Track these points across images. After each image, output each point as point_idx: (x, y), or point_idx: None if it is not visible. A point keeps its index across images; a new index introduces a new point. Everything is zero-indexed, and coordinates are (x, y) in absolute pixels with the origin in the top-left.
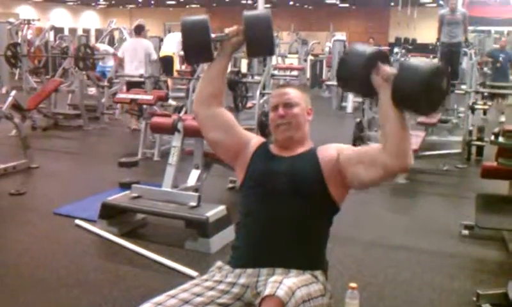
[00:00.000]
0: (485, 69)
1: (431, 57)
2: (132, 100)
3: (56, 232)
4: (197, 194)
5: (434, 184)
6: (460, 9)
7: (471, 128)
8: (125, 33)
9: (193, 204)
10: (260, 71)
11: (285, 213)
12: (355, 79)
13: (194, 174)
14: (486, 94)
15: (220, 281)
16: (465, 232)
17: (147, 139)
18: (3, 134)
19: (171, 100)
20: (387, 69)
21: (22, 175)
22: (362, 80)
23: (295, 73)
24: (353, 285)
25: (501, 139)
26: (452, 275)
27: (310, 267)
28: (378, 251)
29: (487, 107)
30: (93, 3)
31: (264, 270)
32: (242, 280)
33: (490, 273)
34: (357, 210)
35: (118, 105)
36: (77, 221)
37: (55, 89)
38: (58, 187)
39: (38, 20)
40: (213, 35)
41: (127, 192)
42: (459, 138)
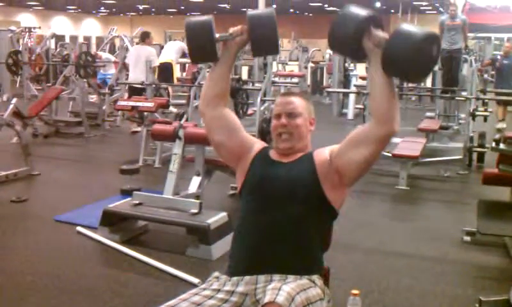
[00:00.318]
0: (485, 76)
1: None
2: (133, 107)
3: (57, 239)
4: (198, 201)
5: (435, 190)
6: (460, 15)
7: (472, 134)
8: (126, 41)
9: (194, 211)
10: (261, 78)
11: (282, 219)
12: (346, 42)
13: (195, 181)
14: (486, 101)
15: (218, 290)
16: (467, 238)
17: (148, 146)
18: (4, 141)
19: (171, 107)
20: (379, 33)
21: (24, 182)
22: (354, 43)
23: (295, 80)
24: (355, 292)
25: (502, 146)
26: (454, 282)
27: (307, 272)
28: (380, 258)
29: (488, 114)
30: (94, 11)
31: (262, 277)
32: (240, 288)
33: (492, 279)
34: (358, 217)
35: (119, 112)
36: (79, 228)
37: (56, 96)
38: (59, 194)
39: (39, 28)
40: (217, 35)
41: (128, 199)
42: (460, 144)
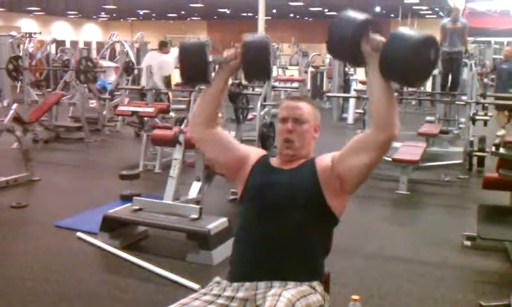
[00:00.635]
0: (485, 80)
1: None
2: (134, 113)
3: (58, 245)
4: (198, 206)
5: (435, 195)
6: (461, 19)
7: (472, 138)
8: (126, 46)
9: (195, 216)
10: (261, 83)
11: (283, 225)
12: (344, 46)
13: (195, 186)
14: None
15: (219, 295)
16: (467, 243)
17: (148, 152)
18: (5, 147)
19: (172, 112)
20: (377, 37)
21: (24, 188)
22: (352, 47)
23: (296, 84)
24: (355, 297)
25: (502, 150)
26: (454, 286)
27: (308, 278)
28: (380, 263)
29: (488, 118)
30: (94, 16)
31: (262, 283)
32: (240, 294)
33: (493, 284)
34: (359, 222)
35: (119, 117)
36: (79, 234)
37: (56, 102)
38: (59, 200)
39: (40, 33)
40: (211, 57)
41: (128, 204)
42: (460, 149)
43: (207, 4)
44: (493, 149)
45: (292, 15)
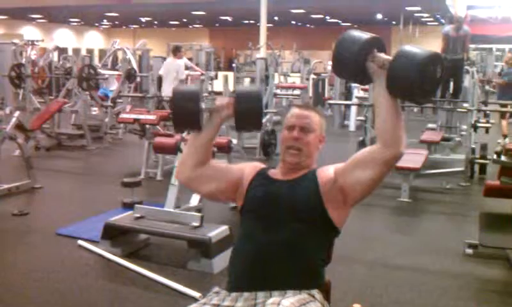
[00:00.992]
0: (487, 87)
1: None
2: (136, 120)
3: (59, 253)
4: (200, 214)
5: (437, 202)
6: (464, 27)
7: (474, 146)
8: (129, 53)
9: (196, 224)
10: (263, 90)
11: (283, 237)
12: (350, 65)
13: (196, 194)
14: (488, 112)
15: (218, 305)
16: (469, 251)
17: (150, 159)
18: (7, 154)
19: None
20: (382, 56)
21: (25, 195)
22: (357, 66)
23: (297, 91)
24: (357, 306)
25: (503, 158)
26: (456, 295)
27: (307, 287)
28: (381, 271)
29: (489, 125)
30: (97, 23)
31: (261, 293)
32: (239, 304)
33: (495, 292)
34: (360, 229)
35: (121, 124)
36: (80, 242)
37: (58, 109)
38: (61, 208)
39: (42, 41)
40: (203, 105)
41: (130, 212)
42: (461, 156)
43: (209, 12)
44: (495, 156)
45: (294, 22)
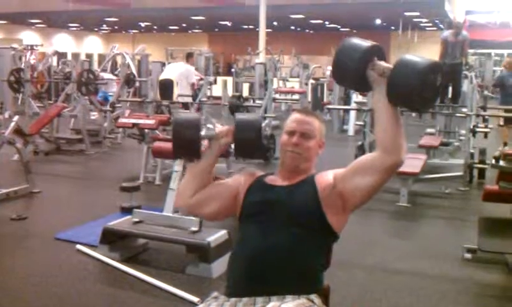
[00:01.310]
0: (486, 92)
1: None
2: (134, 125)
3: (57, 257)
4: (198, 219)
5: (436, 207)
6: (462, 33)
7: (472, 150)
8: (128, 58)
9: (194, 229)
10: (262, 95)
11: (282, 242)
12: (350, 73)
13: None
14: (486, 117)
15: None
16: (468, 256)
17: (149, 164)
18: (5, 159)
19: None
20: (383, 64)
21: (24, 200)
22: (357, 74)
23: (296, 96)
24: None
25: (502, 163)
26: (455, 299)
27: (306, 291)
28: (380, 276)
29: (488, 130)
30: (96, 28)
31: (260, 298)
32: None
33: (493, 297)
34: (359, 234)
35: (120, 129)
36: (78, 246)
37: (58, 114)
38: (60, 212)
39: (41, 46)
40: (203, 133)
41: (129, 217)
42: (460, 161)
43: (208, 17)
44: (493, 161)
45: (293, 28)
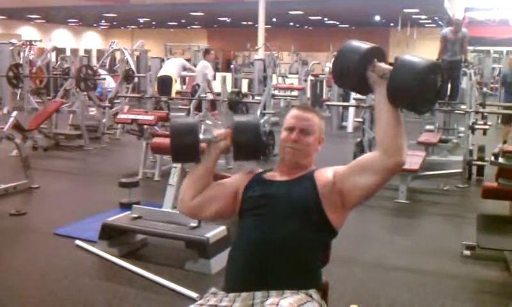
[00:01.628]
0: (484, 89)
1: None
2: (133, 120)
3: (56, 253)
4: None
5: (434, 204)
6: (462, 30)
7: (471, 147)
8: (127, 54)
9: (193, 224)
10: (261, 91)
11: (281, 236)
12: (350, 76)
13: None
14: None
15: (215, 306)
16: (467, 252)
17: (148, 159)
18: (4, 154)
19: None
20: (383, 65)
21: (23, 195)
22: (357, 76)
23: (295, 93)
24: (354, 306)
25: (501, 160)
26: (454, 296)
27: (305, 287)
28: (379, 272)
29: (487, 127)
30: (95, 24)
31: (259, 293)
32: (237, 304)
33: (492, 294)
34: (358, 231)
35: (119, 125)
36: (77, 242)
37: (56, 109)
38: (59, 208)
39: (40, 41)
40: (201, 136)
41: (128, 212)
42: (459, 158)
43: (207, 13)
44: (492, 158)
45: (292, 24)
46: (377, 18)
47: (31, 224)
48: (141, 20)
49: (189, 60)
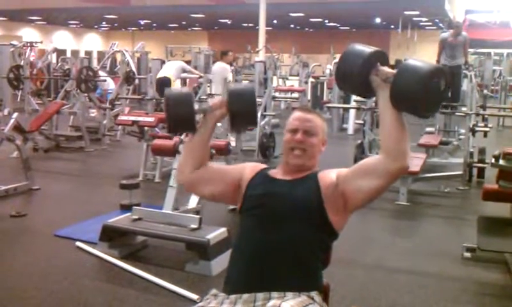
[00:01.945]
0: (485, 91)
1: None
2: (134, 122)
3: (57, 254)
4: (198, 216)
5: (435, 206)
6: (462, 33)
7: (472, 150)
8: (127, 56)
9: (194, 226)
10: (261, 93)
11: (283, 236)
12: (353, 79)
13: (195, 196)
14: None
15: None
16: (467, 255)
17: (148, 161)
18: (4, 156)
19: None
20: (386, 69)
21: (23, 197)
22: (360, 80)
23: (296, 95)
24: None
25: (501, 162)
26: (455, 298)
27: (306, 289)
28: (380, 274)
29: (488, 129)
30: (96, 26)
31: (260, 294)
32: (238, 306)
33: (493, 296)
34: (359, 233)
35: (120, 126)
36: (78, 243)
37: (57, 111)
38: (59, 209)
39: (41, 43)
40: (196, 106)
41: (128, 214)
42: (460, 160)
43: (208, 15)
44: (493, 160)
45: (293, 26)
46: (377, 20)
47: (32, 226)
48: (142, 22)
49: (189, 62)
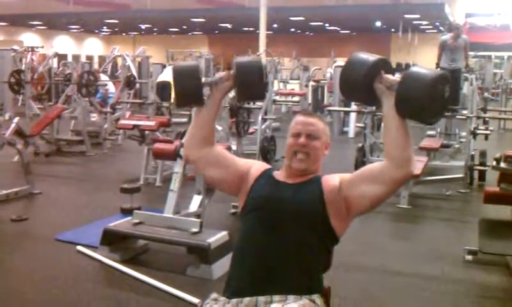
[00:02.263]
0: (486, 94)
1: None
2: (135, 126)
3: (58, 258)
4: (199, 220)
5: (436, 209)
6: (462, 36)
7: (473, 152)
8: (128, 60)
9: (195, 230)
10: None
11: (284, 239)
12: (357, 87)
13: (196, 200)
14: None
15: None
16: (469, 257)
17: (149, 165)
18: (6, 160)
19: None
20: (390, 77)
21: (24, 201)
22: (365, 88)
23: (296, 98)
24: None
25: (503, 165)
26: (456, 301)
27: (308, 292)
28: (381, 277)
29: (489, 132)
30: (97, 30)
31: (262, 298)
32: None
33: (494, 299)
34: (359, 236)
35: (121, 130)
36: (79, 247)
37: (58, 115)
38: (60, 213)
39: (42, 47)
40: (203, 79)
41: (129, 218)
42: (461, 163)
43: (209, 19)
44: (494, 163)
45: (293, 30)
46: (378, 24)
47: (33, 230)
48: (143, 27)
49: None
